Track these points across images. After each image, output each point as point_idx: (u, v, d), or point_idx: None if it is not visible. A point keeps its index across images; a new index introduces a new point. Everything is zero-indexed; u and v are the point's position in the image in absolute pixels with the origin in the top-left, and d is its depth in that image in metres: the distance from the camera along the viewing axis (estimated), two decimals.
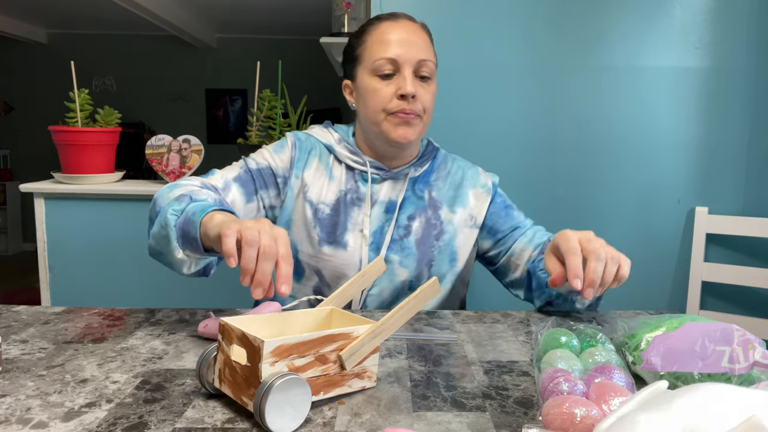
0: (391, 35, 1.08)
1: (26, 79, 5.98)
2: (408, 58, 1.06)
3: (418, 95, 1.07)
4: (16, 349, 0.82)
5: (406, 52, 1.06)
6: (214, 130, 6.15)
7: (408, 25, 1.10)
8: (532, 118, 1.84)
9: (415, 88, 1.06)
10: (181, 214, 0.89)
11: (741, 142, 1.85)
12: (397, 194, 1.13)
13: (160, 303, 1.32)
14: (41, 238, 1.91)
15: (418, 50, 1.07)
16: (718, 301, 1.90)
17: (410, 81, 1.05)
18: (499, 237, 1.19)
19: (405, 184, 1.14)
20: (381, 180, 1.14)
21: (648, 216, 1.88)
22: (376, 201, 1.13)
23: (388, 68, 1.07)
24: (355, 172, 1.14)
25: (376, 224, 1.12)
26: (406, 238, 1.12)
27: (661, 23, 1.81)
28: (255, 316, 0.71)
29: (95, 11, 4.92)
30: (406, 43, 1.07)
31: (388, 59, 1.06)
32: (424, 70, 1.08)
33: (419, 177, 1.17)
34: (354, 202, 1.12)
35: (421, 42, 1.09)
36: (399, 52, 1.06)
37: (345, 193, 1.13)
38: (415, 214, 1.13)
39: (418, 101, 1.07)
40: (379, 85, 1.08)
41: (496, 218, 1.19)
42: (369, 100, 1.09)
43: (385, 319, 0.69)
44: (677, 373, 0.67)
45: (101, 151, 1.93)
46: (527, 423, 0.59)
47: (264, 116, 1.92)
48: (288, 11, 4.74)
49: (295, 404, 0.60)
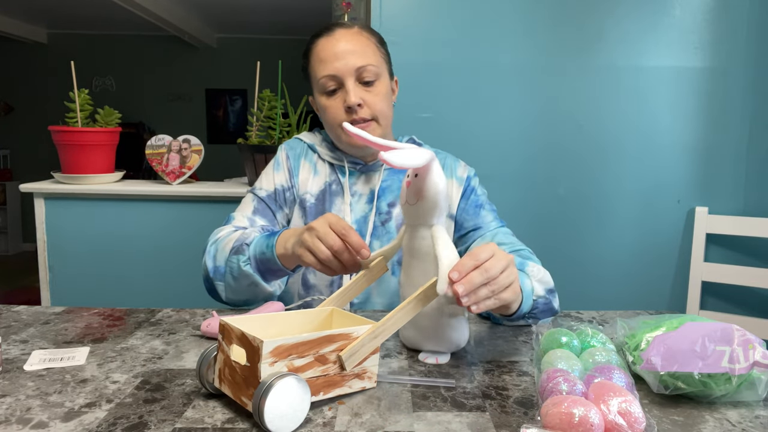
0: (327, 51, 1.10)
1: (26, 79, 5.98)
2: (346, 70, 1.08)
3: (365, 102, 1.10)
4: (16, 349, 0.82)
5: (343, 64, 1.08)
6: (214, 130, 6.15)
7: (343, 35, 1.12)
8: (532, 118, 1.84)
9: (360, 97, 1.09)
10: (251, 260, 0.99)
11: (741, 142, 1.85)
12: (374, 185, 1.18)
13: (160, 303, 1.32)
14: (41, 238, 1.91)
15: (354, 58, 1.09)
16: (718, 301, 1.90)
17: (353, 92, 1.08)
18: (461, 233, 1.19)
19: (380, 175, 1.18)
20: (359, 173, 1.19)
21: (648, 216, 1.88)
22: (356, 193, 1.17)
23: (331, 84, 1.10)
24: (336, 167, 1.20)
25: (360, 214, 1.16)
26: (388, 223, 1.16)
27: (661, 23, 1.81)
28: (256, 316, 0.72)
29: (95, 11, 4.92)
30: (342, 55, 1.09)
31: (328, 76, 1.10)
32: (366, 76, 1.10)
33: None
34: (337, 192, 1.18)
35: (359, 48, 1.10)
36: (336, 65, 1.09)
37: (330, 185, 1.18)
38: (395, 201, 1.17)
39: (366, 107, 1.10)
40: (327, 103, 1.12)
41: (464, 214, 1.19)
42: (324, 118, 1.15)
43: (385, 319, 0.69)
44: (677, 373, 0.67)
45: (101, 151, 1.93)
46: (526, 423, 0.59)
47: (264, 116, 1.92)
48: (288, 11, 4.74)
49: (294, 404, 0.60)
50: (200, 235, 1.92)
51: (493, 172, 1.83)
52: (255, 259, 0.99)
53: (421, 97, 1.81)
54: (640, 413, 0.56)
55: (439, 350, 0.82)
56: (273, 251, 0.96)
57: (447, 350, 0.82)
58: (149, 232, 1.93)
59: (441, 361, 0.80)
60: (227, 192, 1.89)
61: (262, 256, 0.98)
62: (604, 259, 1.89)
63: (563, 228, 1.89)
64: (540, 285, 0.95)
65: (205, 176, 2.28)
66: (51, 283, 1.93)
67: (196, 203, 1.93)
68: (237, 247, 1.01)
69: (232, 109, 6.17)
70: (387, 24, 1.77)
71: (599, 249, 1.88)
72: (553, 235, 1.88)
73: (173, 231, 1.93)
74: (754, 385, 0.66)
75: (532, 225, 1.86)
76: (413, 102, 1.80)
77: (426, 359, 0.81)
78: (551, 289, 0.99)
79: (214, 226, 1.13)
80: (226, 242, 1.04)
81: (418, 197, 0.77)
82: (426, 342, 0.82)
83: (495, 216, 1.20)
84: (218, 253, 1.05)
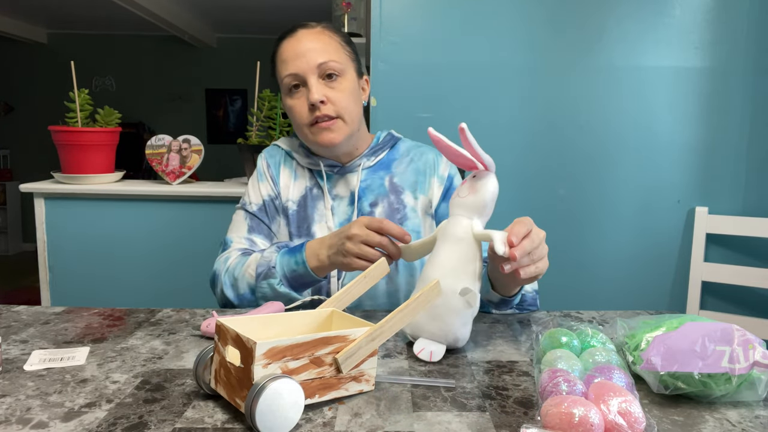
0: (289, 51, 1.10)
1: (26, 79, 5.98)
2: (307, 68, 1.08)
3: (329, 98, 1.09)
4: (16, 349, 0.82)
5: (304, 62, 1.08)
6: (214, 130, 6.15)
7: (304, 34, 1.11)
8: (532, 118, 1.84)
9: (323, 93, 1.08)
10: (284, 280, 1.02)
11: (741, 142, 1.85)
12: (353, 187, 1.17)
13: (160, 303, 1.32)
14: (41, 238, 1.91)
15: (315, 55, 1.08)
16: (718, 301, 1.90)
17: (315, 89, 1.07)
18: None
19: (359, 176, 1.17)
20: (337, 176, 1.18)
21: (648, 216, 1.88)
22: (337, 195, 1.17)
23: (294, 82, 1.10)
24: (314, 172, 1.19)
25: (343, 216, 1.15)
26: None
27: (661, 23, 1.81)
28: (254, 317, 0.71)
29: (95, 11, 4.92)
30: (302, 53, 1.08)
31: (291, 75, 1.09)
32: (328, 70, 1.09)
33: (377, 165, 1.20)
34: (318, 197, 1.17)
35: (320, 45, 1.10)
36: (297, 64, 1.08)
37: (310, 189, 1.18)
38: (377, 200, 1.16)
39: (329, 104, 1.09)
40: (292, 102, 1.11)
41: (444, 214, 1.18)
42: (291, 118, 1.15)
43: (383, 322, 0.69)
44: (677, 373, 0.67)
45: (101, 151, 1.93)
46: (526, 423, 0.59)
47: (264, 116, 1.92)
48: (288, 11, 4.74)
49: (286, 407, 0.59)
50: (200, 235, 1.92)
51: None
52: (287, 278, 1.02)
53: (421, 97, 1.81)
54: (640, 413, 0.56)
55: (436, 339, 0.80)
56: (306, 266, 1.00)
57: (445, 342, 0.80)
58: (149, 232, 1.93)
59: (435, 357, 0.79)
60: (227, 192, 1.89)
61: (293, 274, 1.01)
62: (604, 259, 1.89)
63: (563, 228, 1.89)
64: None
65: (205, 176, 2.28)
66: (51, 283, 1.93)
67: (196, 203, 1.93)
68: (264, 273, 1.02)
69: (232, 109, 6.17)
70: (387, 24, 1.77)
71: (599, 249, 1.89)
72: (554, 236, 1.86)
73: (173, 231, 1.93)
74: (754, 385, 0.66)
75: None
76: (413, 102, 1.80)
77: (420, 352, 0.79)
78: (536, 289, 1.08)
79: (214, 226, 1.14)
80: (244, 269, 1.05)
81: (471, 191, 0.82)
82: (428, 325, 0.80)
83: None
84: (238, 282, 1.06)
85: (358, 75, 1.16)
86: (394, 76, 1.82)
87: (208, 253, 1.19)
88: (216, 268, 1.12)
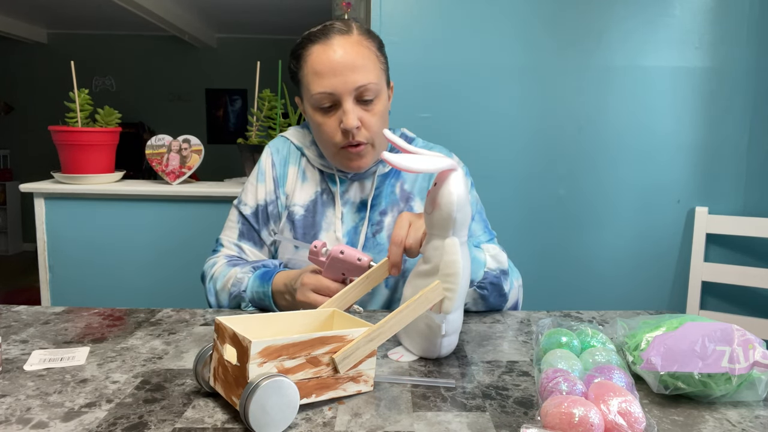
0: (324, 64, 1.00)
1: (26, 79, 5.98)
2: (345, 89, 0.99)
3: (364, 123, 1.02)
4: (16, 349, 0.82)
5: (342, 82, 0.99)
6: (214, 130, 6.15)
7: (340, 44, 1.01)
8: (532, 119, 1.84)
9: (359, 118, 1.01)
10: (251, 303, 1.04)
11: (741, 142, 1.85)
12: (367, 193, 1.13)
13: (160, 303, 1.32)
14: (41, 238, 1.91)
15: (355, 75, 0.99)
16: (718, 301, 1.90)
17: (351, 114, 1.00)
18: None
19: (374, 182, 1.12)
20: (350, 181, 1.13)
21: (648, 216, 1.88)
22: (348, 201, 1.12)
23: (327, 102, 1.02)
24: (325, 174, 1.14)
25: (350, 224, 1.11)
26: (378, 235, 1.10)
27: (661, 23, 1.81)
28: (255, 315, 0.71)
29: (95, 11, 4.92)
30: (341, 70, 0.99)
31: (324, 94, 1.01)
32: (366, 95, 1.01)
33: (389, 172, 1.15)
34: (328, 203, 1.12)
35: (359, 61, 1.01)
36: (334, 83, 0.99)
37: (320, 194, 1.13)
38: (387, 209, 1.12)
39: (363, 129, 1.02)
40: (322, 120, 1.04)
41: None
42: (316, 133, 1.08)
43: (381, 323, 0.69)
44: (677, 373, 0.67)
45: (101, 151, 1.92)
46: (526, 423, 0.59)
47: (264, 116, 1.93)
48: (288, 11, 4.74)
49: (281, 406, 0.59)
50: (200, 235, 1.92)
51: (493, 172, 1.83)
52: (255, 303, 1.04)
53: (421, 97, 1.81)
54: (640, 413, 0.56)
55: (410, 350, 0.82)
56: (271, 301, 1.01)
57: (417, 354, 0.82)
58: (149, 232, 1.93)
59: (404, 359, 0.80)
60: (227, 192, 1.89)
61: (261, 303, 1.03)
62: (604, 259, 1.89)
63: (563, 228, 1.89)
64: (493, 260, 1.01)
65: (205, 176, 2.28)
66: (51, 283, 1.93)
67: (196, 203, 1.93)
68: (235, 293, 1.05)
69: (232, 109, 6.17)
70: (387, 24, 1.77)
71: (599, 249, 1.88)
72: (554, 235, 1.88)
73: (173, 231, 1.93)
74: (754, 385, 0.66)
75: (533, 225, 1.86)
76: (413, 102, 1.80)
77: (392, 354, 0.82)
78: (504, 271, 1.02)
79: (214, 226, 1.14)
80: (223, 284, 1.06)
81: (434, 206, 0.75)
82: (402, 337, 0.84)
83: (485, 227, 1.15)
84: (219, 294, 1.08)
85: (387, 84, 1.10)
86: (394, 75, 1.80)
87: (208, 253, 1.19)
88: (204, 269, 1.13)
